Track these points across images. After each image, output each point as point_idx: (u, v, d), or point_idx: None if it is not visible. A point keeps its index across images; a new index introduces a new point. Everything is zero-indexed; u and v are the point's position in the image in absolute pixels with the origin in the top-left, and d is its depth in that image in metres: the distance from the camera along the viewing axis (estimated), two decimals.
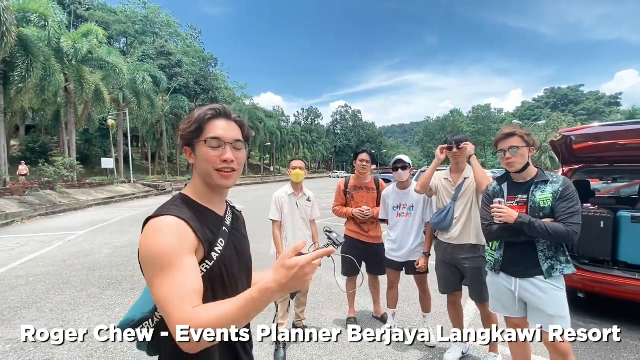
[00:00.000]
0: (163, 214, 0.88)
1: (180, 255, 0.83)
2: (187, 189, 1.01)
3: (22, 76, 13.09)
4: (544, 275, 1.88)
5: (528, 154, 1.97)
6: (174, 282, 0.80)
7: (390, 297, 3.15)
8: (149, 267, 0.83)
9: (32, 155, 24.08)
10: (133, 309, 1.00)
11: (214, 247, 0.93)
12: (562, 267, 1.89)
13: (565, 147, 3.61)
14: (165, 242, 0.83)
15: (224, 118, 0.98)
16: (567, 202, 1.84)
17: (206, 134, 0.95)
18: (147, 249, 0.84)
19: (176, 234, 0.85)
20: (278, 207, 3.02)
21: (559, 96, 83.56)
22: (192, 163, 0.99)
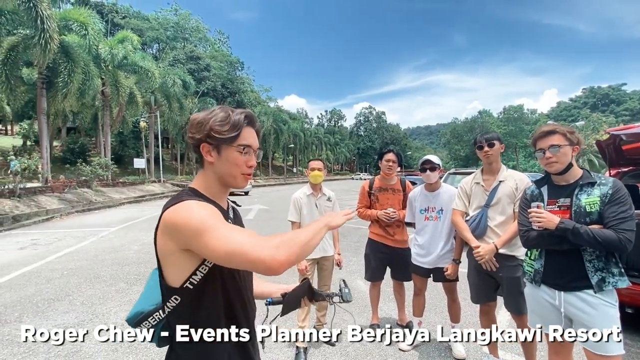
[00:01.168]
0: (182, 200, 0.90)
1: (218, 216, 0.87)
2: (196, 183, 1.02)
3: (65, 81, 13.96)
4: (593, 289, 1.68)
5: (571, 154, 1.77)
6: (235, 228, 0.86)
7: (416, 305, 2.99)
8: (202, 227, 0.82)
9: (71, 155, 25.65)
10: (140, 302, 1.03)
11: None
12: (615, 280, 1.67)
13: (613, 147, 3.29)
14: (208, 209, 0.87)
15: (252, 127, 1.02)
16: (618, 206, 1.63)
17: (241, 140, 0.97)
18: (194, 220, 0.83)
19: (209, 207, 0.89)
20: (297, 207, 2.95)
21: (599, 96, 78.62)
22: (211, 162, 0.98)
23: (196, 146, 0.98)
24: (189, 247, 0.86)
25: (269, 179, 45.78)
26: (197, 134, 0.96)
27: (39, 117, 14.53)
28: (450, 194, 2.77)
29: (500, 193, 2.34)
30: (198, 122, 0.96)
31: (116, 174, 21.96)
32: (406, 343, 2.90)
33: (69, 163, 21.40)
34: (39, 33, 11.83)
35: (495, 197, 2.36)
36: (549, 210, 1.78)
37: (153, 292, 1.01)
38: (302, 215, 2.96)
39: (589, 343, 1.69)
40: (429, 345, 2.95)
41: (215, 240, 0.81)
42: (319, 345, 2.96)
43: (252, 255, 0.78)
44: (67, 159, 25.37)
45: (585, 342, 1.72)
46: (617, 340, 1.65)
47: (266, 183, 40.27)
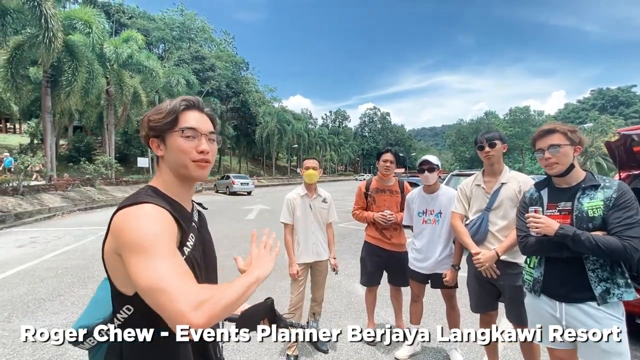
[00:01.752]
0: (140, 201, 0.82)
1: (172, 240, 0.80)
2: (155, 181, 0.96)
3: (69, 80, 14.02)
4: (596, 300, 1.54)
5: (573, 154, 1.63)
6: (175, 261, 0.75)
7: (413, 312, 2.86)
8: (139, 250, 0.74)
9: (77, 154, 25.81)
10: (84, 317, 0.94)
11: (186, 241, 0.88)
12: (620, 292, 1.53)
13: (623, 148, 3.13)
14: (157, 224, 0.78)
15: (198, 110, 0.96)
16: (623, 211, 1.50)
17: (181, 124, 0.91)
18: (135, 232, 0.76)
19: (162, 219, 0.80)
20: (290, 209, 2.84)
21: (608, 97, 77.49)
22: (161, 155, 0.94)
23: (147, 144, 0.94)
24: (121, 256, 0.78)
25: (272, 179, 45.78)
26: (143, 131, 0.94)
27: (43, 115, 14.62)
28: (449, 196, 2.64)
29: (503, 196, 2.21)
30: (142, 120, 0.95)
31: (120, 173, 22.04)
32: (403, 351, 2.77)
33: (74, 162, 21.58)
34: (43, 32, 11.89)
35: (497, 200, 2.22)
36: (548, 215, 1.65)
37: (99, 305, 0.93)
38: (295, 217, 2.85)
39: (593, 358, 1.57)
40: (426, 353, 2.82)
41: (144, 267, 0.73)
42: (310, 352, 2.84)
43: (168, 304, 0.69)
44: (73, 157, 25.55)
45: (588, 358, 1.59)
46: (622, 356, 1.52)
47: (270, 183, 40.25)
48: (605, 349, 1.52)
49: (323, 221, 2.92)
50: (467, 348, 2.90)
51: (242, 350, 2.82)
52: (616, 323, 1.53)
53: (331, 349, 2.88)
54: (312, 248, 2.81)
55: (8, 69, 13.03)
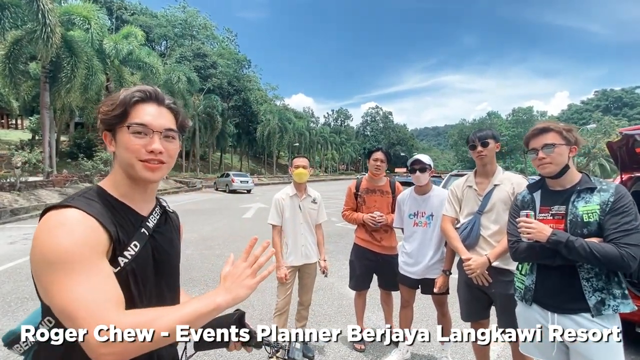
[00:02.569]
0: (66, 205, 0.73)
1: (92, 253, 0.70)
2: (105, 180, 0.87)
3: (68, 76, 13.93)
4: (591, 312, 1.44)
5: (568, 155, 1.53)
6: (91, 283, 0.67)
7: (403, 318, 2.75)
8: (50, 269, 0.67)
9: (78, 150, 25.78)
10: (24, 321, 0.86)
11: (124, 250, 0.78)
12: (616, 304, 1.43)
13: (626, 149, 3.00)
14: (72, 238, 0.68)
15: (155, 103, 0.85)
16: (620, 217, 1.40)
17: (130, 120, 0.81)
18: (47, 247, 0.67)
19: (82, 228, 0.70)
20: (278, 210, 2.74)
21: (612, 98, 77.00)
22: (112, 151, 0.85)
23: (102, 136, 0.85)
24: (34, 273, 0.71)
25: (273, 177, 45.70)
26: (99, 123, 0.84)
27: (42, 111, 14.55)
28: (441, 198, 2.52)
29: (495, 198, 2.09)
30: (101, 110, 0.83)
31: None
32: (392, 358, 2.67)
33: (75, 158, 21.54)
34: (41, 27, 11.80)
35: (489, 203, 2.10)
36: (541, 219, 1.55)
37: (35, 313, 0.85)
38: (284, 218, 2.74)
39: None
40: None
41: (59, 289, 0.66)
42: None
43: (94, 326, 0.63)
44: (74, 153, 25.50)
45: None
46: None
47: (270, 181, 40.16)
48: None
49: (312, 222, 2.81)
50: (458, 356, 2.79)
51: (226, 356, 2.72)
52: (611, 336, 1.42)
53: (318, 355, 2.77)
54: (301, 250, 2.71)
55: (6, 65, 12.96)
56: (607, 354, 1.42)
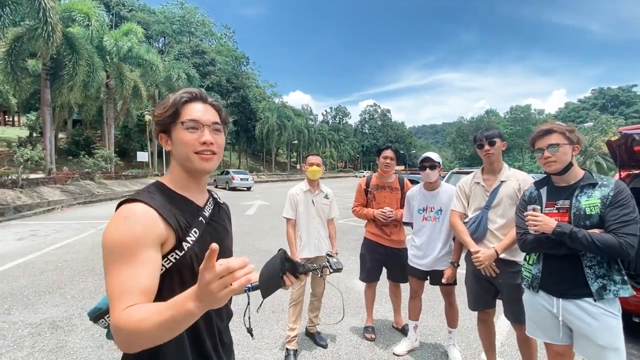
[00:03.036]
0: (134, 199, 0.85)
1: (141, 248, 0.79)
2: (164, 177, 0.99)
3: (70, 74, 13.93)
4: (593, 297, 1.57)
5: (571, 153, 1.66)
6: (125, 275, 0.77)
7: (412, 308, 2.88)
8: (107, 254, 0.79)
9: (76, 147, 25.73)
10: (103, 299, 0.95)
11: (186, 236, 0.89)
12: (616, 289, 1.55)
13: (624, 148, 3.13)
14: (129, 232, 0.79)
15: (200, 101, 0.96)
16: (619, 209, 1.53)
17: (182, 117, 0.92)
18: (110, 236, 0.80)
19: (142, 224, 0.81)
20: (293, 204, 2.85)
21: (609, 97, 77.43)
22: (169, 150, 0.96)
23: (157, 139, 0.96)
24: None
25: (272, 174, 45.74)
26: (153, 127, 0.98)
27: (42, 108, 14.55)
28: (450, 193, 2.65)
29: (502, 194, 2.21)
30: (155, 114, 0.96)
31: (120, 167, 22.04)
32: (401, 347, 2.80)
33: (73, 155, 21.52)
34: (42, 25, 11.79)
35: (496, 198, 2.22)
36: (547, 213, 1.68)
37: None
38: (298, 213, 2.86)
39: (589, 354, 1.59)
40: (424, 350, 2.84)
41: (106, 273, 0.78)
42: (310, 347, 2.86)
43: (111, 317, 0.75)
44: (72, 151, 25.46)
45: (585, 354, 1.61)
46: (618, 351, 1.54)
47: (269, 179, 40.22)
48: (602, 345, 1.54)
49: (325, 217, 2.93)
50: (464, 344, 2.93)
51: (242, 344, 2.84)
52: (612, 319, 1.55)
53: (330, 343, 2.90)
54: (314, 243, 2.83)
55: (7, 62, 12.95)
56: (608, 335, 1.54)
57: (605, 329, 1.55)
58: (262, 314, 3.45)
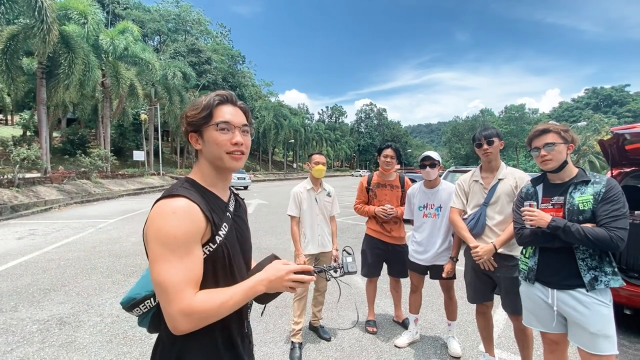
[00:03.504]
0: (174, 194, 0.89)
1: (191, 241, 0.86)
2: (194, 173, 1.02)
3: (66, 73, 13.83)
4: (585, 287, 1.67)
5: (566, 152, 1.76)
6: (183, 267, 0.84)
7: (412, 302, 2.97)
8: (158, 247, 0.84)
9: (71, 146, 25.56)
10: (136, 287, 1.04)
11: (219, 230, 0.95)
12: (607, 279, 1.65)
13: (616, 147, 3.25)
14: (180, 226, 0.84)
15: (231, 104, 1.01)
16: (610, 204, 1.62)
17: (216, 119, 0.97)
18: (160, 230, 0.84)
19: (190, 219, 0.86)
20: (297, 202, 2.93)
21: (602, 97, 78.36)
22: (199, 149, 1.00)
23: (187, 139, 1.01)
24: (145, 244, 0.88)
25: (268, 174, 45.72)
26: (183, 127, 1.01)
27: (38, 107, 14.44)
28: (449, 191, 2.74)
29: (500, 191, 2.31)
30: (181, 116, 1.02)
31: (116, 166, 21.94)
32: (402, 340, 2.89)
33: (68, 154, 21.35)
34: (38, 23, 11.71)
35: (494, 196, 2.32)
36: (543, 208, 1.78)
37: (148, 279, 1.00)
38: (302, 210, 2.93)
39: (582, 342, 1.69)
40: (425, 342, 2.94)
41: (158, 264, 0.83)
42: (314, 340, 2.95)
43: (165, 304, 0.83)
44: (67, 150, 25.28)
45: (578, 341, 1.71)
46: (609, 339, 1.64)
47: (266, 178, 40.21)
48: (594, 332, 1.64)
49: (327, 214, 3.01)
50: (463, 336, 3.03)
51: None
52: (604, 308, 1.65)
53: (333, 337, 2.99)
54: (318, 240, 2.91)
55: (3, 60, 12.83)
56: (600, 323, 1.64)
57: (597, 317, 1.64)
58: (267, 309, 3.51)
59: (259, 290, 0.90)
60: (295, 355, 2.65)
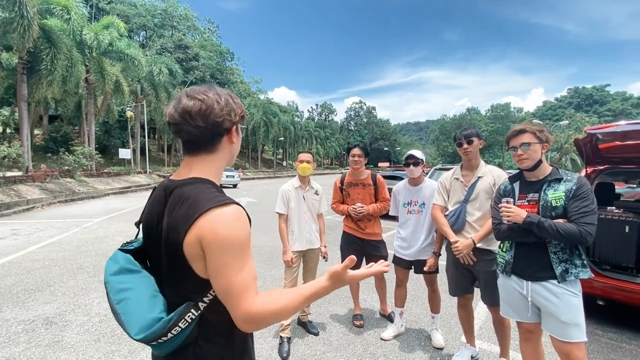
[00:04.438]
0: (227, 203, 0.86)
1: (249, 244, 0.87)
2: (207, 173, 0.95)
3: (48, 69, 13.44)
4: (557, 279, 1.78)
5: (541, 151, 1.87)
6: (249, 268, 0.85)
7: (398, 296, 3.07)
8: (229, 253, 0.82)
9: (54, 144, 24.90)
10: (146, 311, 0.84)
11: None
12: (577, 271, 1.77)
13: (590, 146, 3.41)
14: (244, 231, 0.85)
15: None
16: (580, 201, 1.74)
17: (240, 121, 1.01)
18: (230, 237, 0.82)
19: (246, 222, 0.88)
20: (285, 200, 2.97)
21: (583, 96, 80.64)
22: (232, 142, 1.00)
23: (224, 131, 0.95)
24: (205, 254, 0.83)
25: (258, 172, 45.49)
26: (232, 118, 0.95)
27: (19, 104, 14.00)
28: (432, 188, 2.84)
29: (479, 188, 2.41)
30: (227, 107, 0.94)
31: (101, 165, 21.45)
32: (388, 333, 2.98)
33: (51, 152, 20.81)
34: (18, 18, 11.34)
35: (474, 193, 2.42)
36: (519, 205, 1.89)
37: (156, 297, 0.89)
38: (290, 208, 2.98)
39: (554, 330, 1.80)
40: (409, 334, 3.04)
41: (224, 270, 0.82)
42: (302, 334, 3.01)
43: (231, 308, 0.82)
44: (49, 148, 24.61)
45: (550, 330, 1.82)
46: (579, 327, 1.75)
47: (255, 176, 40.00)
48: (564, 321, 1.75)
49: (315, 211, 3.07)
50: (446, 329, 3.15)
51: None
52: (573, 298, 1.76)
53: (322, 331, 3.06)
54: (306, 237, 2.97)
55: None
56: (570, 312, 1.76)
57: (568, 306, 1.76)
58: None
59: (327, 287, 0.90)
60: (283, 350, 2.71)
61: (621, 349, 2.84)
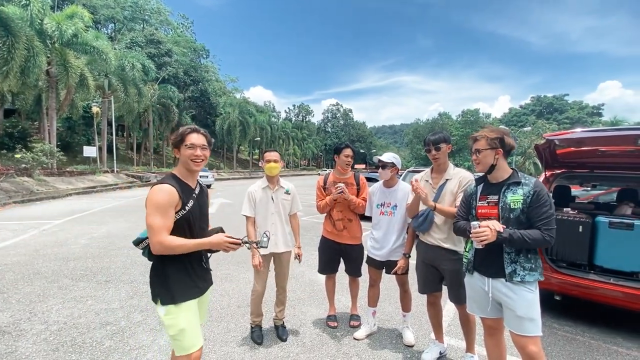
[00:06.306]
0: (164, 182, 1.67)
1: (168, 206, 1.62)
2: (176, 170, 1.79)
3: (5, 58, 12.48)
4: (505, 278, 1.89)
5: (494, 156, 1.96)
6: (161, 219, 1.60)
7: (371, 296, 3.12)
8: (151, 207, 1.60)
9: (10, 140, 23.10)
10: (143, 232, 1.73)
11: (186, 204, 1.71)
12: (524, 274, 1.87)
13: (549, 151, 3.64)
14: (164, 197, 1.61)
15: (196, 132, 1.77)
16: (541, 208, 1.84)
17: (186, 142, 1.74)
18: (153, 198, 1.61)
19: (169, 194, 1.63)
20: (251, 202, 2.90)
21: (545, 104, 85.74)
22: (178, 157, 1.77)
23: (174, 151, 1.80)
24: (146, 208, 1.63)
25: (233, 172, 44.67)
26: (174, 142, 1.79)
27: None
28: (405, 191, 2.91)
29: (446, 190, 2.50)
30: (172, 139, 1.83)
31: (63, 163, 20.20)
32: (360, 332, 3.02)
33: (6, 149, 19.34)
34: None
35: (441, 194, 2.51)
36: (479, 205, 2.00)
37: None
38: (256, 210, 2.90)
39: (512, 324, 1.90)
40: (381, 333, 3.10)
41: (149, 215, 1.60)
42: (276, 337, 2.98)
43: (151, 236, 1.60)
44: (5, 144, 22.80)
45: (509, 324, 1.92)
46: (534, 321, 1.86)
47: (230, 176, 39.23)
48: (520, 315, 1.86)
49: (285, 213, 2.97)
50: (417, 326, 3.24)
51: (209, 338, 2.89)
52: (528, 293, 1.87)
53: (296, 332, 3.04)
54: (273, 239, 2.87)
55: None
56: (525, 307, 1.86)
57: (523, 301, 1.86)
58: (228, 309, 3.51)
59: (205, 247, 1.70)
60: (255, 335, 2.70)
61: (576, 341, 3.04)
